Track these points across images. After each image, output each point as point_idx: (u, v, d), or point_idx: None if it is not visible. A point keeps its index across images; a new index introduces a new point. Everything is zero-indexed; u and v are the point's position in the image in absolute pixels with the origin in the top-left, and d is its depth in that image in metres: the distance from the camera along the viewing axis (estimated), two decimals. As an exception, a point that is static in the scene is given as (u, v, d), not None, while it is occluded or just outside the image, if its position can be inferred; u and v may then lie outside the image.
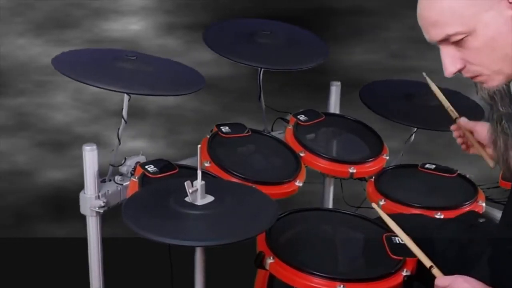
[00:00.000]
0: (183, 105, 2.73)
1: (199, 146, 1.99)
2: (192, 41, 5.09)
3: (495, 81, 1.70)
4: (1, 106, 4.41)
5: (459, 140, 2.36)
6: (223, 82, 2.58)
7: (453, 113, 2.40)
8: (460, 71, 1.71)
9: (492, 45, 1.65)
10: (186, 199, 1.91)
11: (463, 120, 2.35)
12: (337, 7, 5.55)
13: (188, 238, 1.84)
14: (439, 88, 2.48)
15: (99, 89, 2.25)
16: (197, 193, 1.91)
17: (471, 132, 2.33)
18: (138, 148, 3.61)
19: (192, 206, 1.91)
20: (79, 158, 2.41)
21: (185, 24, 5.43)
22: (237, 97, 2.71)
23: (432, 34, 1.68)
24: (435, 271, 1.91)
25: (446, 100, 2.43)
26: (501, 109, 1.74)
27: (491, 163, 2.29)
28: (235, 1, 5.72)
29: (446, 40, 1.67)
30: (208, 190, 1.94)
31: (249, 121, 2.66)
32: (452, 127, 2.39)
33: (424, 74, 2.46)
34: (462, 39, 1.65)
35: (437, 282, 1.88)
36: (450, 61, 1.69)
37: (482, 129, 2.28)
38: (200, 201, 1.92)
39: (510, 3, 1.61)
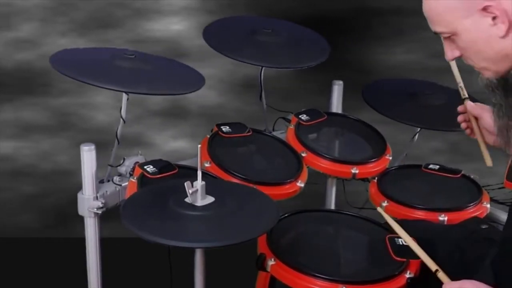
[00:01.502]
0: (225, 105, 2.76)
1: (199, 146, 1.99)
2: None
3: (486, 74, 1.84)
4: (43, 106, 4.46)
5: (463, 125, 2.32)
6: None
7: (463, 92, 2.34)
8: (460, 57, 1.86)
9: (475, 48, 1.79)
10: (186, 200, 1.91)
11: (469, 105, 2.28)
12: (379, 8, 5.61)
13: (188, 239, 1.84)
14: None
15: None
16: (197, 193, 1.91)
17: (477, 118, 2.27)
18: (179, 148, 3.66)
19: (192, 207, 1.91)
20: (121, 158, 2.43)
21: None
22: (278, 97, 2.72)
23: (431, 26, 1.84)
24: (441, 275, 1.91)
25: (459, 75, 2.34)
26: (493, 100, 1.88)
27: (488, 162, 2.26)
28: (278, 1, 5.75)
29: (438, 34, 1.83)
30: (208, 191, 1.94)
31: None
32: (459, 108, 2.30)
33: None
34: (449, 36, 1.81)
35: (445, 287, 1.89)
36: (449, 49, 1.86)
37: (489, 115, 2.23)
38: (200, 202, 1.92)
39: (487, 12, 1.72)
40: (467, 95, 2.31)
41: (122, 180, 2.45)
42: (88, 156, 2.35)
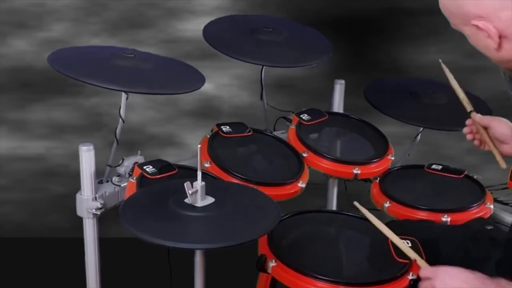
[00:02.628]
0: (257, 105, 2.79)
1: (199, 146, 1.98)
2: None
3: (503, 67, 1.89)
4: (76, 106, 4.50)
5: (469, 137, 2.33)
6: (298, 82, 2.63)
7: (468, 105, 2.35)
8: None
9: (481, 49, 1.83)
10: (186, 200, 1.91)
11: (477, 116, 2.31)
12: (410, 7, 5.65)
13: (188, 240, 1.84)
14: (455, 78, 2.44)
15: None
16: (197, 194, 1.91)
17: (486, 128, 2.29)
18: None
19: (192, 207, 1.90)
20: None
21: None
22: (311, 97, 2.74)
23: None
24: (420, 262, 1.92)
25: (461, 91, 2.37)
26: (510, 92, 1.95)
27: (502, 164, 2.28)
28: (309, 1, 5.78)
29: None
30: (208, 191, 1.93)
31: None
32: (468, 122, 2.34)
33: (440, 60, 2.43)
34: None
35: (421, 273, 1.91)
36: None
37: (498, 124, 2.26)
38: (200, 203, 1.91)
39: (477, 27, 1.77)
40: (472, 108, 2.32)
41: (121, 180, 2.45)
42: (86, 156, 2.35)
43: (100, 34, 5.39)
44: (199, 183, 1.91)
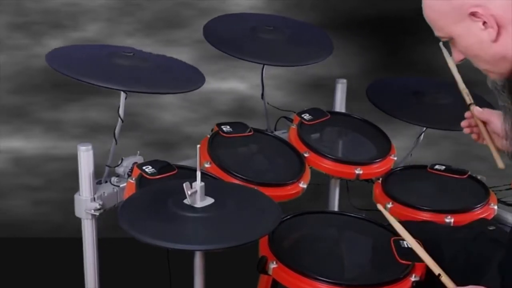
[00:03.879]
0: (292, 105, 2.81)
1: (198, 146, 1.98)
2: None
3: (491, 76, 1.86)
4: (110, 106, 4.48)
5: (466, 130, 2.31)
6: (332, 82, 2.65)
7: (468, 97, 2.32)
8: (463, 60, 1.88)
9: (471, 52, 1.82)
10: (185, 201, 1.90)
11: (477, 110, 2.27)
12: None
13: (187, 242, 1.83)
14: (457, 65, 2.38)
15: (207, 89, 2.27)
16: (196, 195, 1.90)
17: (485, 123, 2.27)
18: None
19: (191, 208, 1.90)
20: (187, 158, 2.45)
21: None
22: (346, 97, 2.77)
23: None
24: (444, 279, 1.90)
25: (462, 81, 2.33)
26: (500, 103, 1.89)
27: (500, 164, 2.26)
28: (344, 1, 5.82)
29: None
30: (208, 192, 1.93)
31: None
32: (466, 115, 2.29)
33: (440, 44, 2.38)
34: (450, 40, 1.83)
35: None
36: (454, 52, 1.88)
37: (498, 119, 2.20)
38: (199, 204, 1.91)
39: (475, 17, 1.74)
40: (472, 101, 2.30)
41: (120, 181, 2.45)
42: (85, 156, 2.35)
43: (134, 34, 5.45)
44: (198, 184, 1.90)
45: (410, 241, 2.02)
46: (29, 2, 5.80)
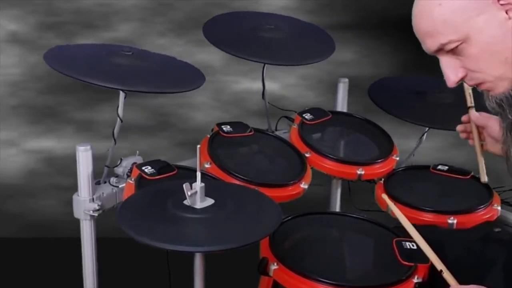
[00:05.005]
0: (324, 105, 2.83)
1: (198, 146, 1.97)
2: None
3: (500, 88, 1.71)
4: (142, 106, 4.56)
5: (462, 135, 2.30)
6: (364, 83, 2.67)
7: (470, 99, 2.29)
8: (463, 79, 1.72)
9: (489, 50, 1.66)
10: (185, 202, 1.90)
11: (474, 115, 2.26)
12: None
13: (187, 243, 1.82)
14: None
15: (239, 89, 2.26)
16: (196, 195, 1.89)
17: (481, 128, 2.26)
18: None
19: (191, 209, 1.89)
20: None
21: (326, 24, 5.53)
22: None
23: (428, 44, 1.70)
24: (446, 275, 1.89)
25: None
26: (510, 117, 1.74)
27: (483, 177, 2.25)
28: (376, 1, 5.86)
29: (441, 49, 1.69)
30: (208, 193, 1.92)
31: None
32: (463, 118, 2.29)
33: None
34: (457, 47, 1.67)
35: None
36: (451, 71, 1.71)
37: (495, 123, 2.19)
38: (199, 204, 1.90)
39: (502, 4, 1.62)
40: (473, 104, 2.28)
41: (119, 181, 2.44)
42: (83, 156, 2.34)
43: (166, 34, 5.48)
44: (198, 184, 1.90)
45: (412, 233, 2.01)
46: (61, 2, 5.87)
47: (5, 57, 5.15)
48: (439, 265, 1.92)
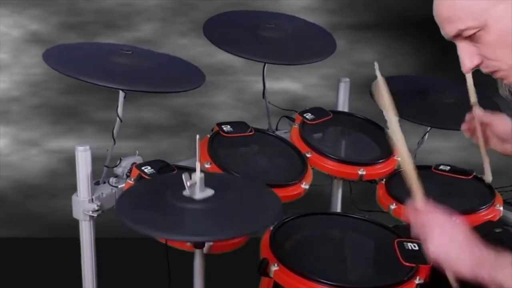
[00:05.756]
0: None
1: (197, 136, 1.94)
2: (355, 41, 5.30)
3: None
4: (164, 106, 4.60)
5: (467, 134, 2.30)
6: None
7: (473, 95, 2.29)
8: (478, 66, 1.73)
9: (506, 39, 1.67)
10: (184, 193, 1.88)
11: (478, 112, 2.25)
12: None
13: (186, 233, 1.81)
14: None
15: (260, 89, 2.26)
16: (195, 186, 1.88)
17: (486, 125, 2.25)
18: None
19: (191, 200, 1.88)
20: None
21: (347, 24, 5.62)
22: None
23: (446, 30, 1.71)
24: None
25: (471, 77, 2.30)
26: None
27: (488, 177, 2.24)
28: (397, 1, 5.91)
29: (459, 35, 1.70)
30: (207, 184, 1.90)
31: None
32: (468, 117, 2.28)
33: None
34: (475, 33, 1.68)
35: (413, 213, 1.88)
36: (467, 57, 1.72)
37: (500, 121, 2.20)
38: (199, 195, 1.89)
39: None
40: (476, 100, 2.28)
41: (118, 181, 2.44)
42: (82, 156, 2.34)
43: (188, 34, 5.52)
44: (197, 175, 1.88)
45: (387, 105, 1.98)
46: (83, 2, 5.92)
47: (26, 57, 5.18)
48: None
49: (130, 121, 4.43)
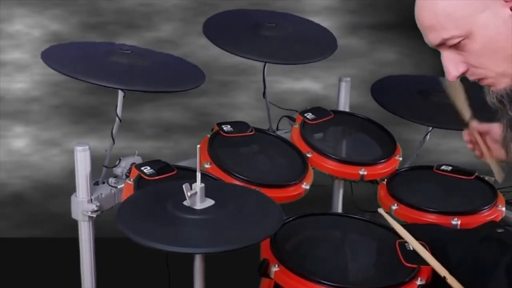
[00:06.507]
0: (365, 105, 2.87)
1: (198, 146, 1.97)
2: (376, 41, 5.34)
3: (502, 84, 1.70)
4: (184, 106, 4.59)
5: (469, 146, 2.30)
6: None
7: (467, 112, 2.31)
8: (464, 74, 1.71)
9: (492, 47, 1.65)
10: (185, 203, 1.90)
11: (474, 125, 2.25)
12: None
13: (187, 244, 1.82)
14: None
15: (281, 89, 2.25)
16: (196, 196, 1.89)
17: (486, 134, 2.25)
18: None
19: (191, 210, 1.89)
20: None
21: (368, 24, 5.64)
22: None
23: (429, 38, 1.68)
24: (450, 281, 1.89)
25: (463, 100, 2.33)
26: (510, 113, 1.73)
27: (499, 177, 2.24)
28: None
29: (443, 44, 1.68)
30: (208, 193, 1.92)
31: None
32: (464, 135, 2.29)
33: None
34: (459, 42, 1.65)
35: None
36: (452, 65, 1.69)
37: (498, 128, 2.21)
38: (199, 205, 1.90)
39: (506, 1, 1.61)
40: (471, 114, 2.28)
41: (118, 182, 2.44)
42: (81, 156, 2.34)
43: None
44: (198, 185, 1.89)
45: (414, 244, 2.01)
46: (103, 2, 5.92)
47: (47, 57, 5.21)
48: (442, 271, 1.92)
49: (150, 121, 4.47)
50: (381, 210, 2.06)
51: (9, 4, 5.83)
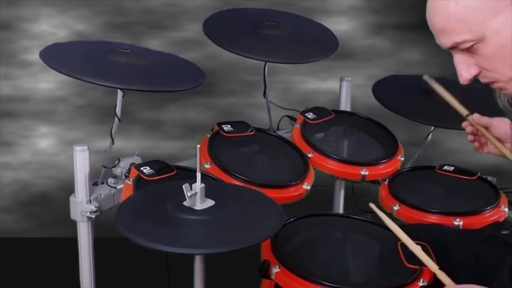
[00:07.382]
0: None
1: (198, 146, 1.97)
2: (400, 41, 5.38)
3: None
4: (210, 105, 4.66)
5: (470, 138, 2.32)
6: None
7: (463, 110, 2.35)
8: (476, 76, 1.72)
9: (505, 52, 1.65)
10: (185, 203, 1.90)
11: (476, 116, 2.29)
12: None
13: (186, 245, 1.82)
14: (443, 86, 2.42)
15: (307, 89, 2.24)
16: (196, 196, 1.89)
17: (486, 128, 2.28)
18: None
19: (191, 211, 1.89)
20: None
21: (393, 24, 5.70)
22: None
23: (442, 41, 1.70)
24: (442, 276, 1.88)
25: (452, 98, 2.37)
26: None
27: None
28: None
29: (456, 47, 1.69)
30: (208, 194, 1.92)
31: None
32: (464, 124, 2.33)
33: (424, 77, 2.44)
34: (472, 46, 1.66)
35: None
36: (464, 68, 1.71)
37: (499, 123, 2.24)
38: (199, 206, 1.90)
39: None
40: (468, 111, 2.31)
41: (117, 182, 2.44)
42: (80, 156, 2.34)
43: None
44: (198, 185, 1.89)
45: (408, 243, 2.00)
46: (128, 2, 5.96)
47: (72, 57, 5.24)
48: (433, 266, 1.91)
49: (175, 121, 4.51)
50: (371, 205, 2.05)
51: (35, 4, 5.87)
